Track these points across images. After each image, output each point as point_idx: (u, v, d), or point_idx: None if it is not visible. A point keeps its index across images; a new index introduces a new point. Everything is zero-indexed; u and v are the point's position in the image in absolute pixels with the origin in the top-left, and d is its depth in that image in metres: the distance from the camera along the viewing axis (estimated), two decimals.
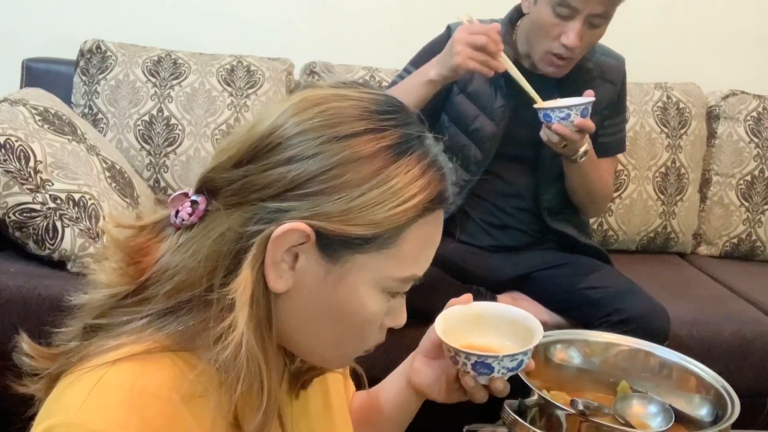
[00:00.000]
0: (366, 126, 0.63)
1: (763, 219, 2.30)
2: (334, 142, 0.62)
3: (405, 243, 0.65)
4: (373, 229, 0.63)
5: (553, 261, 1.78)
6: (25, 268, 1.57)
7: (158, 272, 0.65)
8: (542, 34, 1.60)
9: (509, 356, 0.82)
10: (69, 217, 1.55)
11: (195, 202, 0.66)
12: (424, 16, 2.22)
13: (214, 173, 0.65)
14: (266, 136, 0.63)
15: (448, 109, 1.77)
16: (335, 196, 0.62)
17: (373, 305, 0.67)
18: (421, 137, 0.66)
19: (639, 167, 2.22)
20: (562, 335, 1.23)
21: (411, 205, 0.63)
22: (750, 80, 2.39)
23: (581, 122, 1.54)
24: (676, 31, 2.43)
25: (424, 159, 0.65)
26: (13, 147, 1.54)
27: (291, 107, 0.65)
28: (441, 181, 0.67)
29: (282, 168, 0.62)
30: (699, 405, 1.13)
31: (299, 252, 0.63)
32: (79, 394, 0.58)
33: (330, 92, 0.66)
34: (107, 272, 0.67)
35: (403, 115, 0.67)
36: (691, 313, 1.80)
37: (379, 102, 0.66)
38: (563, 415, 1.00)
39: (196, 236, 0.65)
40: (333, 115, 0.63)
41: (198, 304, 0.63)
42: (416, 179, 0.64)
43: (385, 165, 0.63)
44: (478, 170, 1.75)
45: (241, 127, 0.67)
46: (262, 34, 2.28)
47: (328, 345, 0.69)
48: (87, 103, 2.03)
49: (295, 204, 0.62)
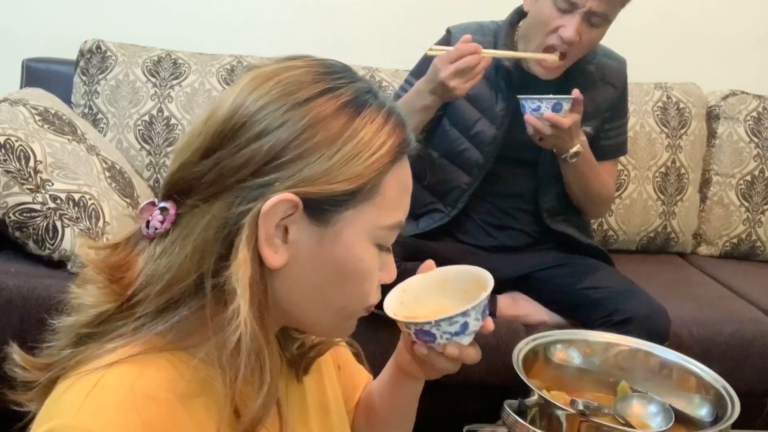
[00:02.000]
0: (322, 87, 0.65)
1: (763, 219, 2.30)
2: (296, 108, 0.63)
3: (386, 190, 0.67)
4: (355, 181, 0.64)
5: (554, 261, 1.78)
6: (25, 268, 1.57)
7: (144, 282, 0.65)
8: (541, 27, 1.61)
9: (446, 320, 0.77)
10: (69, 217, 1.55)
11: (164, 209, 0.65)
12: (424, 16, 2.23)
13: (181, 173, 0.65)
14: (229, 118, 0.64)
15: (449, 113, 1.77)
16: (312, 159, 0.63)
17: (370, 258, 0.68)
18: (371, 89, 0.68)
19: (639, 167, 2.22)
20: (562, 335, 1.23)
21: (385, 152, 0.66)
22: (750, 80, 2.39)
23: (550, 116, 1.56)
24: (676, 31, 2.43)
25: (382, 108, 0.67)
26: (13, 147, 1.54)
27: (246, 86, 0.66)
28: (403, 127, 0.69)
29: (254, 144, 0.63)
30: (699, 405, 1.13)
31: (288, 224, 0.64)
32: (78, 396, 0.59)
33: (278, 65, 0.68)
34: (91, 294, 0.66)
35: (351, 73, 0.69)
36: (691, 313, 1.80)
37: (326, 65, 0.69)
38: (563, 415, 1.00)
39: (177, 238, 0.64)
40: (289, 84, 0.65)
41: (191, 297, 0.64)
42: (382, 127, 0.66)
43: (350, 119, 0.65)
44: (480, 173, 1.76)
45: (196, 122, 0.67)
46: (262, 34, 2.28)
47: (332, 310, 0.70)
48: (87, 103, 2.03)
49: (276, 175, 0.62)
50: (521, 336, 1.40)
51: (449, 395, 1.71)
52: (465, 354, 0.80)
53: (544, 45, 1.62)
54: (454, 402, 1.70)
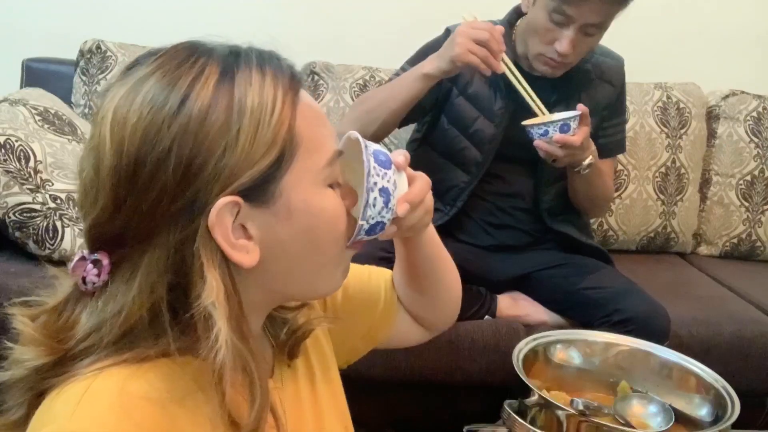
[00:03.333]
0: (187, 79, 0.60)
1: (763, 219, 2.30)
2: (175, 116, 0.59)
3: (304, 135, 0.64)
4: (273, 149, 0.61)
5: (553, 261, 1.77)
6: (25, 268, 1.57)
7: (90, 330, 0.62)
8: (537, 37, 1.60)
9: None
10: (69, 217, 1.55)
11: (97, 261, 0.62)
12: (424, 16, 2.22)
13: (98, 229, 0.62)
14: (118, 165, 0.59)
15: (447, 111, 1.77)
16: (220, 153, 0.59)
17: (330, 200, 0.67)
18: (230, 52, 0.64)
19: (639, 167, 2.22)
20: (562, 335, 1.23)
21: (280, 103, 0.62)
22: (750, 80, 2.39)
23: (560, 138, 1.53)
24: (676, 31, 2.43)
25: (250, 64, 0.63)
26: (13, 147, 1.54)
27: (114, 121, 0.60)
28: (279, 66, 0.65)
29: (158, 174, 0.59)
30: (699, 405, 1.13)
31: (243, 222, 0.62)
32: (70, 402, 0.58)
33: (132, 81, 0.61)
34: (31, 351, 0.62)
35: (202, 47, 0.64)
36: (691, 313, 1.80)
37: (175, 54, 0.63)
38: (563, 415, 1.00)
39: (119, 284, 0.62)
40: (154, 96, 0.60)
41: (148, 333, 0.61)
42: (262, 82, 0.62)
43: (230, 94, 0.61)
44: (478, 172, 1.75)
45: (84, 176, 0.62)
46: (262, 34, 2.28)
47: (324, 265, 0.70)
48: (87, 103, 2.03)
49: (198, 187, 0.59)
50: (521, 336, 1.40)
51: (449, 395, 1.71)
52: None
53: (538, 53, 1.62)
54: (454, 402, 1.70)
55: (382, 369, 1.59)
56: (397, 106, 1.61)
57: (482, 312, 1.70)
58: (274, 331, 0.78)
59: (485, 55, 1.49)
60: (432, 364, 1.63)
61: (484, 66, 1.50)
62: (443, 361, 1.64)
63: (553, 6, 1.53)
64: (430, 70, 1.56)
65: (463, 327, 1.64)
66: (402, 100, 1.61)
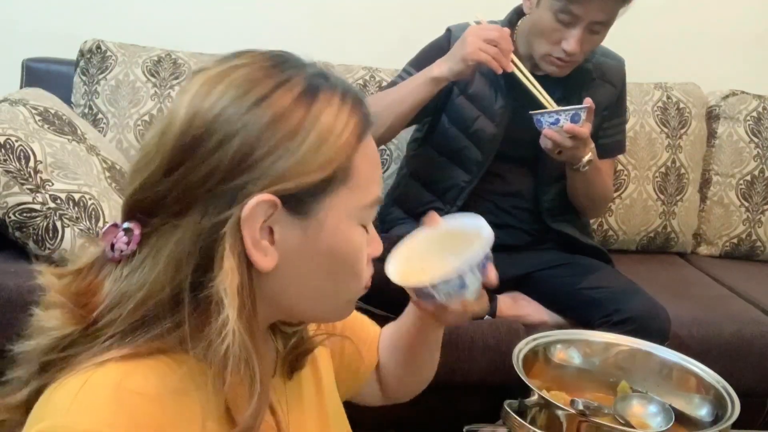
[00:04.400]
0: (275, 81, 0.64)
1: (763, 219, 2.30)
2: (253, 107, 0.62)
3: (359, 169, 0.66)
4: (328, 168, 0.64)
5: (554, 261, 1.78)
6: (25, 268, 1.57)
7: (112, 303, 0.63)
8: (543, 37, 1.60)
9: (442, 281, 0.79)
10: (69, 217, 1.55)
11: (129, 230, 0.64)
12: (425, 16, 2.22)
13: (142, 193, 0.64)
14: (186, 131, 0.62)
15: (448, 110, 1.77)
16: (280, 154, 0.62)
17: (357, 237, 0.68)
18: (320, 73, 0.68)
19: (639, 167, 2.22)
20: (562, 335, 1.23)
21: (349, 133, 0.65)
22: (750, 80, 2.39)
23: (570, 128, 1.54)
24: (676, 31, 2.43)
25: (336, 90, 0.66)
26: (13, 147, 1.54)
27: (197, 93, 0.64)
28: (361, 103, 0.68)
29: (218, 152, 0.61)
30: (699, 405, 1.13)
31: (272, 224, 0.63)
32: (67, 396, 0.58)
33: (225, 66, 0.66)
34: (55, 317, 0.64)
35: (298, 61, 0.68)
36: (691, 313, 1.80)
37: (272, 57, 0.67)
38: (563, 415, 1.00)
39: (146, 257, 0.63)
40: (241, 84, 0.63)
41: (168, 313, 0.62)
42: (341, 108, 0.65)
43: (308, 107, 0.64)
44: (479, 171, 1.76)
45: (148, 139, 0.65)
46: (262, 34, 2.28)
47: (330, 296, 0.70)
48: (87, 103, 2.03)
49: (246, 178, 0.61)
50: (521, 336, 1.40)
51: (449, 395, 1.71)
52: (470, 309, 0.83)
53: (545, 54, 1.62)
54: (454, 402, 1.70)
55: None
56: (404, 110, 1.62)
57: None
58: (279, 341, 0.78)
59: (496, 53, 1.52)
60: None
61: (495, 63, 1.53)
62: (443, 361, 1.62)
63: (560, 6, 1.54)
64: (440, 73, 1.58)
65: (463, 327, 1.64)
66: (410, 104, 1.62)
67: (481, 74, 1.73)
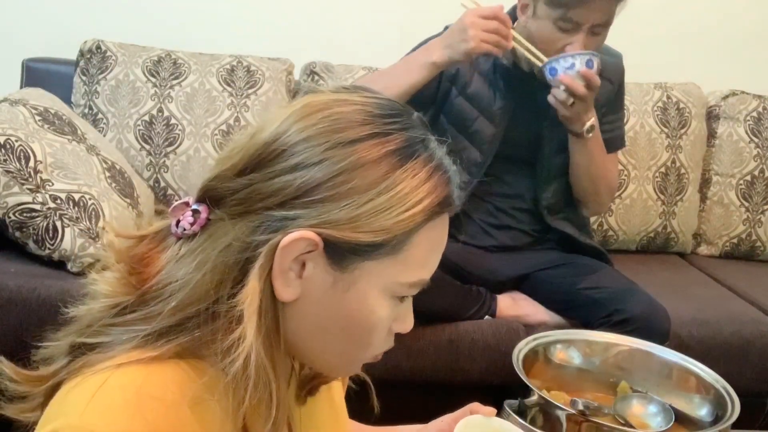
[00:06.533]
0: (371, 130, 0.63)
1: (763, 219, 2.30)
2: (339, 147, 0.61)
3: (413, 248, 0.64)
4: (382, 235, 0.62)
5: (554, 261, 1.77)
6: (25, 268, 1.57)
7: (161, 284, 0.64)
8: (546, 47, 1.59)
9: None
10: (69, 217, 1.55)
11: (197, 211, 0.65)
12: (424, 16, 2.22)
13: (216, 182, 0.65)
14: (270, 143, 0.63)
15: (447, 111, 1.77)
16: (342, 203, 0.61)
17: (383, 311, 0.66)
18: (425, 140, 0.65)
19: (639, 167, 2.22)
20: (562, 335, 1.23)
21: (419, 210, 0.62)
22: (750, 80, 2.38)
23: (586, 72, 1.54)
24: (676, 31, 2.43)
25: (429, 162, 0.64)
26: (13, 147, 1.54)
27: (294, 113, 0.64)
28: (447, 185, 0.66)
29: (287, 176, 0.61)
30: (699, 405, 1.13)
31: (307, 260, 0.62)
32: (83, 396, 0.58)
33: (333, 97, 0.65)
34: (108, 282, 0.65)
35: (407, 119, 0.66)
36: (691, 313, 1.80)
37: (383, 106, 0.65)
38: (563, 415, 1.00)
39: (200, 246, 0.63)
40: (337, 120, 0.63)
41: (205, 318, 0.62)
42: (423, 183, 0.63)
43: (392, 170, 0.62)
44: (478, 172, 1.75)
45: (243, 134, 0.66)
46: (262, 34, 2.28)
47: (336, 353, 0.68)
48: (87, 103, 2.03)
49: (302, 212, 0.61)
50: (521, 336, 1.40)
51: (449, 395, 1.71)
52: None
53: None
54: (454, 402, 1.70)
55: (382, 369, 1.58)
56: (399, 92, 1.60)
57: (482, 312, 1.70)
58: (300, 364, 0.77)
59: (497, 41, 1.52)
60: (432, 364, 1.63)
61: (498, 50, 1.54)
62: (443, 361, 1.64)
63: (558, 15, 1.54)
64: (439, 59, 1.57)
65: (463, 327, 1.64)
66: (406, 86, 1.60)
67: (480, 74, 1.73)
